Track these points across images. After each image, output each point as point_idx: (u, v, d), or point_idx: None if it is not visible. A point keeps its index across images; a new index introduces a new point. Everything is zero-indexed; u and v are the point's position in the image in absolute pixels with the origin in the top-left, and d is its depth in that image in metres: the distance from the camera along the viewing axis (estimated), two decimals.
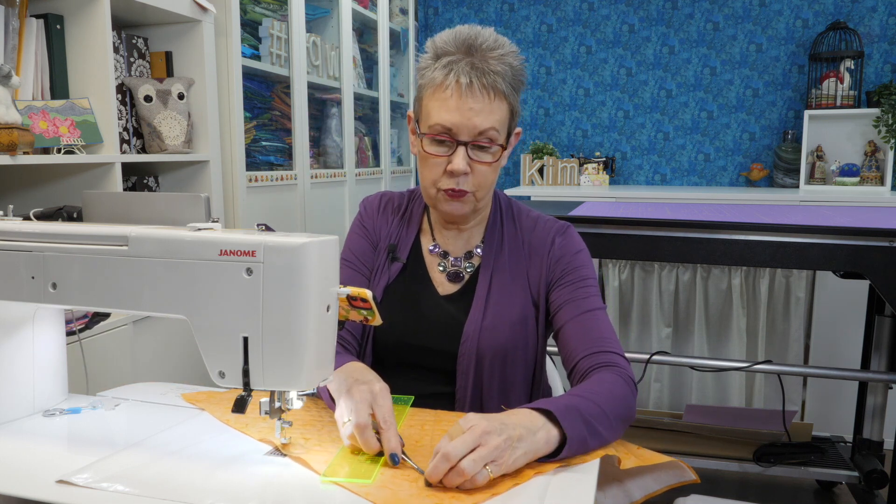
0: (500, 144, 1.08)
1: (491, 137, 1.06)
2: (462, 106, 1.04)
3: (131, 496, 0.75)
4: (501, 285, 1.15)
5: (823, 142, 3.76)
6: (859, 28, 3.75)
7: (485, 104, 1.04)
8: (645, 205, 2.43)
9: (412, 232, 1.22)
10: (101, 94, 1.74)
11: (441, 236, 1.21)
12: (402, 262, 1.19)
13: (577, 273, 1.15)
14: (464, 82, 1.04)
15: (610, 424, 0.93)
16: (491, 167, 1.09)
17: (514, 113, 1.10)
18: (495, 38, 1.08)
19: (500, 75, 1.05)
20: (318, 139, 2.90)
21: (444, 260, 1.20)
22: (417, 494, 0.77)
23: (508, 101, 1.08)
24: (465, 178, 1.08)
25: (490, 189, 1.13)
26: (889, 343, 2.24)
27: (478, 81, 1.04)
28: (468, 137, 1.06)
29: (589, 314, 1.11)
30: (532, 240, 1.18)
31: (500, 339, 1.12)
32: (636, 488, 0.96)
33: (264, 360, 0.81)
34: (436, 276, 1.19)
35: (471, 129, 1.05)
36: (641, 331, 2.78)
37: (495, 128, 1.06)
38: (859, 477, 2.18)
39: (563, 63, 4.25)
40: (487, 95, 1.04)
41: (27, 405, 1.01)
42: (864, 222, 1.81)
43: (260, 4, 2.47)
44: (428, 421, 1.00)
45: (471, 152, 1.07)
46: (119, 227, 0.88)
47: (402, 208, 1.24)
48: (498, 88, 1.05)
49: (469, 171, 1.07)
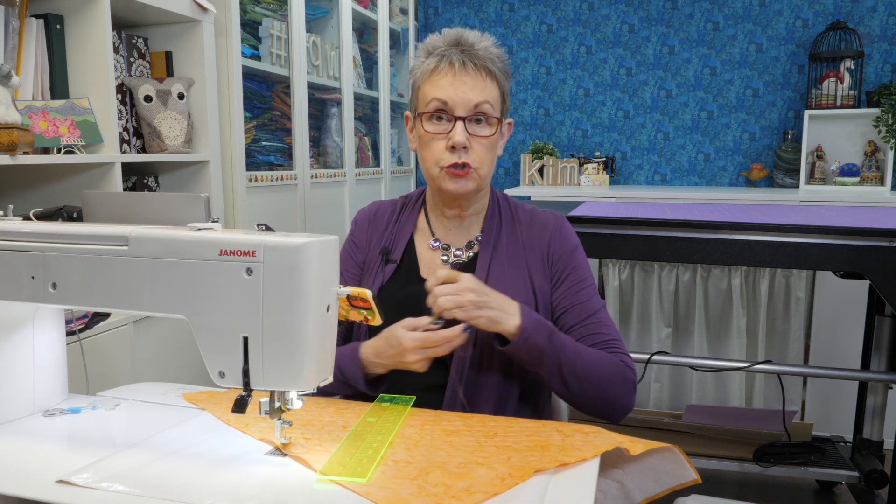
0: (496, 117, 1.14)
1: (485, 111, 1.12)
2: (456, 82, 1.11)
3: (131, 496, 0.75)
4: (500, 271, 1.17)
5: (823, 142, 3.76)
6: (859, 28, 3.75)
7: (478, 80, 1.11)
8: (645, 205, 2.43)
9: (406, 233, 1.24)
10: (101, 94, 1.74)
11: (441, 230, 1.23)
12: (395, 262, 1.21)
13: (576, 273, 1.20)
14: (457, 64, 1.11)
15: (574, 369, 1.06)
16: (489, 142, 1.14)
17: (505, 96, 1.17)
18: (480, 35, 1.16)
19: (489, 60, 1.13)
20: (318, 139, 2.90)
21: (447, 252, 1.22)
22: (417, 494, 0.77)
23: (499, 84, 1.15)
24: (466, 152, 1.13)
25: (489, 168, 1.18)
26: (889, 343, 2.24)
27: (470, 62, 1.12)
28: (464, 112, 1.11)
29: (593, 318, 1.16)
30: (530, 232, 1.22)
31: None
32: (637, 491, 0.96)
33: (264, 360, 0.81)
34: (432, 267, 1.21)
35: (466, 103, 1.11)
36: (641, 331, 2.78)
37: (489, 101, 1.12)
38: (859, 477, 2.18)
39: (563, 63, 4.25)
40: (479, 73, 1.12)
41: (27, 405, 1.01)
42: (864, 222, 1.81)
43: (260, 4, 2.47)
44: (428, 421, 1.00)
45: (468, 127, 1.12)
46: (119, 227, 0.88)
47: (396, 213, 1.27)
48: (489, 69, 1.13)
49: (469, 145, 1.12)
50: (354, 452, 0.87)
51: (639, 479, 0.97)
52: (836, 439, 2.45)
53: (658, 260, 2.23)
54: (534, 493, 0.79)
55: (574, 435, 0.94)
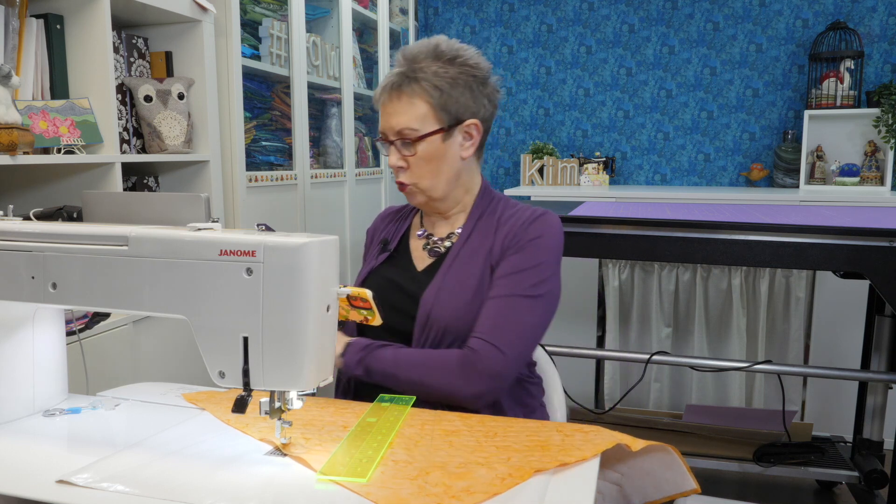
0: (424, 135, 1.20)
1: (405, 135, 1.21)
2: (386, 112, 1.23)
3: (131, 496, 0.75)
4: (467, 258, 1.24)
5: (823, 142, 3.76)
6: (859, 28, 3.75)
7: (400, 105, 1.21)
8: (645, 205, 2.43)
9: (404, 227, 1.37)
10: (101, 94, 1.74)
11: (429, 223, 1.34)
12: (389, 251, 1.33)
13: (517, 258, 1.20)
14: (386, 95, 1.22)
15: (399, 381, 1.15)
16: (420, 158, 1.22)
17: (446, 105, 1.20)
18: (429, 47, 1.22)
19: (423, 79, 1.19)
20: (318, 139, 2.90)
21: (427, 240, 1.32)
22: (417, 494, 0.77)
23: (431, 97, 1.20)
24: (403, 171, 1.24)
25: (433, 181, 1.24)
26: (889, 343, 2.24)
27: (397, 89, 1.20)
28: (393, 137, 1.23)
29: (485, 306, 1.18)
30: (504, 225, 1.26)
31: (453, 303, 1.19)
32: (635, 495, 0.97)
33: (264, 360, 0.81)
34: (417, 255, 1.31)
35: (392, 129, 1.22)
36: (641, 331, 2.78)
37: (410, 126, 1.20)
38: (859, 477, 2.18)
39: (563, 63, 4.25)
40: (399, 98, 1.20)
41: (27, 405, 1.01)
42: (864, 222, 1.81)
43: (260, 4, 2.47)
44: (428, 421, 1.00)
45: (403, 148, 1.22)
46: (119, 227, 0.88)
47: (401, 212, 1.41)
48: (414, 90, 1.20)
49: (403, 165, 1.23)
50: (354, 452, 0.87)
51: (637, 483, 0.97)
52: (836, 439, 2.45)
53: (658, 260, 2.23)
54: (534, 493, 0.79)
55: (574, 434, 0.94)
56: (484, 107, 1.25)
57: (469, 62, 1.22)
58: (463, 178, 1.28)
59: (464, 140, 1.25)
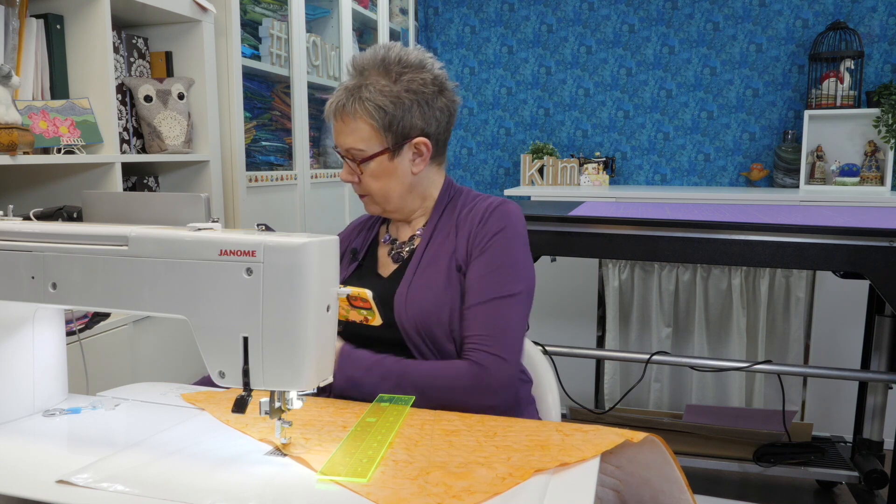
0: (370, 154, 1.20)
1: (353, 154, 1.22)
2: (334, 129, 1.24)
3: (131, 496, 0.75)
4: (431, 258, 1.23)
5: (823, 142, 3.76)
6: (859, 28, 3.75)
7: (343, 127, 1.21)
8: (645, 205, 2.43)
9: (371, 234, 1.37)
10: (101, 94, 1.74)
11: (393, 227, 1.35)
12: (358, 260, 1.34)
13: (486, 257, 1.20)
14: (331, 112, 1.22)
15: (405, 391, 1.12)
16: (370, 176, 1.22)
17: (383, 128, 1.19)
18: (375, 60, 1.20)
19: (367, 99, 1.17)
20: (318, 139, 2.90)
21: (392, 245, 1.32)
22: (418, 494, 0.77)
23: (370, 121, 1.19)
24: (358, 184, 1.25)
25: (385, 192, 1.25)
26: (889, 343, 2.24)
27: (342, 109, 1.20)
28: (343, 153, 1.24)
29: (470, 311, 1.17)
30: (465, 219, 1.25)
31: (423, 304, 1.17)
32: (633, 501, 0.97)
33: (264, 360, 0.81)
34: (382, 261, 1.31)
35: (341, 146, 1.23)
36: (641, 331, 2.78)
37: (356, 147, 1.20)
38: (859, 477, 2.18)
39: (563, 63, 4.25)
40: (344, 120, 1.20)
41: (27, 405, 1.01)
42: (864, 222, 1.81)
43: (260, 4, 2.47)
44: (428, 421, 1.00)
45: (351, 165, 1.24)
46: (119, 227, 0.88)
47: (371, 220, 1.41)
48: (356, 111, 1.18)
49: (355, 180, 1.25)
50: (355, 452, 0.87)
51: (636, 490, 0.97)
52: (836, 439, 2.45)
53: (658, 260, 2.23)
54: (534, 492, 0.79)
55: (574, 434, 0.94)
56: (436, 120, 1.22)
57: (416, 79, 1.19)
58: (418, 189, 1.26)
59: (414, 156, 1.23)
